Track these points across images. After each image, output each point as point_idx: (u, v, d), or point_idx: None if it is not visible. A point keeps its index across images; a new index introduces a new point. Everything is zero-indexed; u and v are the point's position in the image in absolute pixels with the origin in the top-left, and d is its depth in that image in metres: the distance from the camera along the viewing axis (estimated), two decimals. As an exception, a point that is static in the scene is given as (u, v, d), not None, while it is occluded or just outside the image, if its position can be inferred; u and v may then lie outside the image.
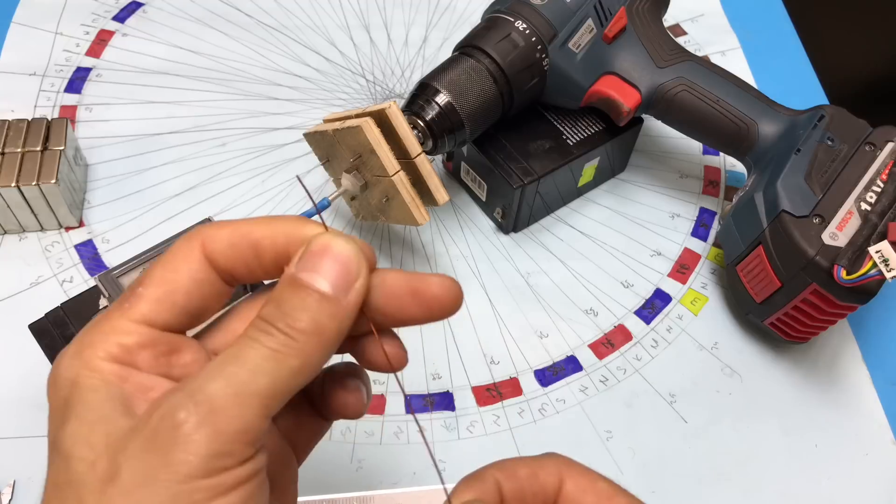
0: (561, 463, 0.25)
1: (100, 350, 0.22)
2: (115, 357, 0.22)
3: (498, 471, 0.24)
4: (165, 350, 0.23)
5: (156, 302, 0.23)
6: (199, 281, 0.23)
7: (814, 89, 0.67)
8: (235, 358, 0.21)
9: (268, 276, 0.24)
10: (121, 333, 0.22)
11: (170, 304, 0.23)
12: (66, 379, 0.22)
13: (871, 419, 0.49)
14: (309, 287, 0.22)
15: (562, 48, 0.50)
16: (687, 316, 0.52)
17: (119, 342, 0.22)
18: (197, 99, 0.61)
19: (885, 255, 0.41)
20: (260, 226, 0.23)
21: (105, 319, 0.23)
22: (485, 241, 0.55)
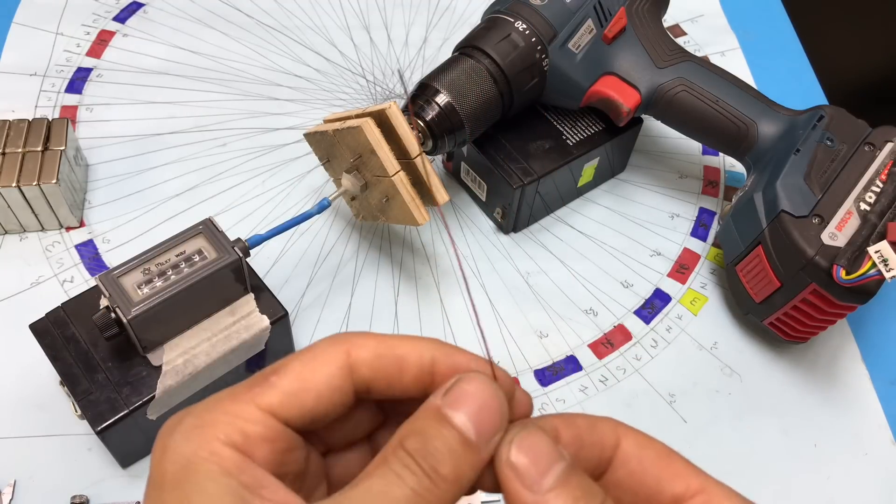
0: (618, 423, 0.24)
1: (220, 432, 0.21)
2: (236, 444, 0.21)
3: (557, 417, 0.24)
4: (283, 447, 0.22)
5: (287, 396, 0.22)
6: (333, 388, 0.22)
7: (813, 89, 0.67)
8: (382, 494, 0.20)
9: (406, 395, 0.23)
10: (246, 420, 0.21)
11: (299, 403, 0.22)
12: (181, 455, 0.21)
13: (871, 419, 0.49)
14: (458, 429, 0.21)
15: (562, 48, 0.50)
16: (686, 316, 0.52)
17: (243, 429, 0.21)
18: (197, 99, 0.61)
19: (884, 255, 0.41)
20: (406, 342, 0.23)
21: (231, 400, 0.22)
22: (485, 241, 0.55)
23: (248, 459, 0.21)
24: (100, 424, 0.39)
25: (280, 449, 0.22)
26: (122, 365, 0.41)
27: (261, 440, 0.21)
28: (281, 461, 0.22)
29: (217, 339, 0.42)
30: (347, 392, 0.23)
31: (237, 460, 0.21)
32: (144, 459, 0.44)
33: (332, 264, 0.53)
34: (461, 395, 0.22)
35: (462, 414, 0.21)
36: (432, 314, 0.51)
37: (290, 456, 0.22)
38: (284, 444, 0.22)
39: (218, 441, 0.21)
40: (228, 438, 0.21)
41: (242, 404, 0.22)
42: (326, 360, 0.22)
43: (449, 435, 0.21)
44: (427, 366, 0.23)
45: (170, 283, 0.39)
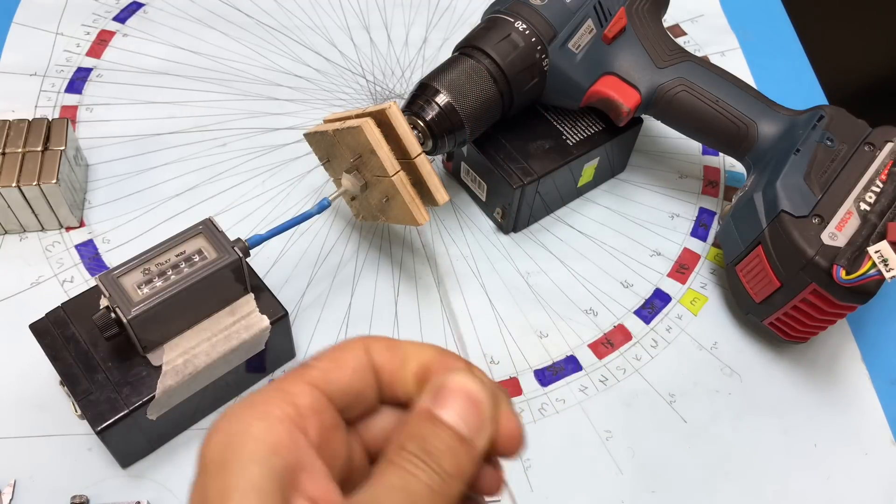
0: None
1: (274, 406, 0.22)
2: (289, 415, 0.22)
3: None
4: (329, 423, 0.24)
5: (325, 372, 0.24)
6: (360, 368, 0.25)
7: (813, 89, 0.67)
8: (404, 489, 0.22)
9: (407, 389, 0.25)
10: (296, 395, 0.23)
11: (337, 378, 0.24)
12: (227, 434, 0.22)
13: (871, 419, 0.49)
14: (450, 428, 0.23)
15: (561, 48, 0.50)
16: (686, 316, 0.52)
17: (294, 401, 0.23)
18: (197, 99, 0.61)
19: (884, 254, 0.41)
20: (411, 343, 0.26)
21: (278, 382, 0.23)
22: (485, 241, 0.55)
23: (299, 435, 0.22)
24: (100, 424, 0.39)
25: (328, 424, 0.23)
26: (122, 365, 0.41)
27: (311, 412, 0.23)
28: (328, 439, 0.23)
29: (217, 339, 0.42)
30: (371, 374, 0.25)
31: (286, 436, 0.22)
32: (144, 459, 0.44)
33: (332, 264, 0.53)
34: (447, 395, 0.24)
35: (451, 411, 0.23)
36: (432, 314, 0.51)
37: (335, 437, 0.24)
38: (331, 420, 0.24)
39: (272, 416, 0.22)
40: (282, 412, 0.22)
41: (291, 383, 0.23)
42: (351, 347, 0.25)
43: (444, 434, 0.23)
44: (425, 363, 0.25)
45: (170, 283, 0.39)
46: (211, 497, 0.21)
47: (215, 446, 0.22)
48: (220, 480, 0.21)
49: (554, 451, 0.46)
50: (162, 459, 0.44)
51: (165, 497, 0.43)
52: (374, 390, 0.25)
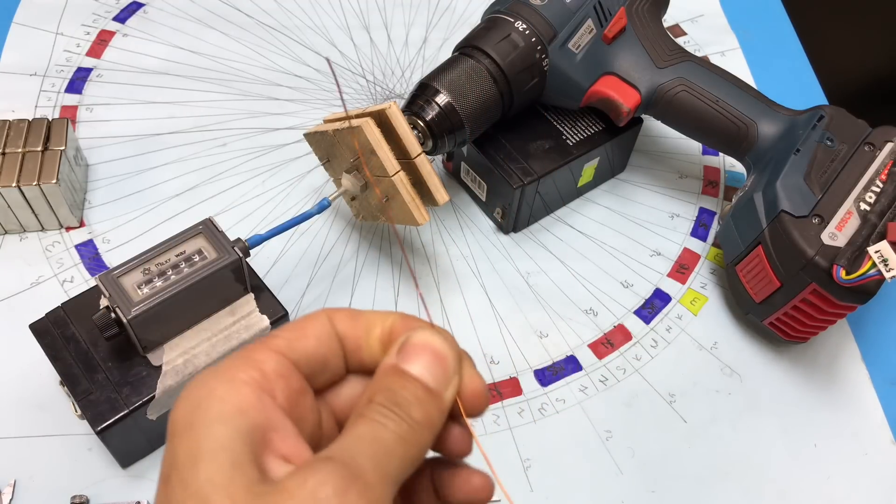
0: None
1: (240, 371, 0.22)
2: (255, 380, 0.22)
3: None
4: (297, 387, 0.24)
5: (290, 341, 0.24)
6: (324, 336, 0.25)
7: (813, 89, 0.67)
8: (374, 438, 0.22)
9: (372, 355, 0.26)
10: (261, 361, 0.23)
11: (302, 346, 0.24)
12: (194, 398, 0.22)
13: (871, 419, 0.49)
14: (417, 380, 0.24)
15: (561, 48, 0.50)
16: (686, 316, 0.52)
17: (260, 367, 0.23)
18: (197, 99, 0.61)
19: (884, 254, 0.41)
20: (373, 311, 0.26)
21: (242, 350, 0.24)
22: (485, 241, 0.55)
23: (266, 397, 0.22)
24: (100, 424, 0.39)
25: (294, 388, 0.24)
26: (122, 365, 0.41)
27: (277, 376, 0.23)
28: (296, 403, 0.24)
29: (217, 339, 0.42)
30: (334, 346, 0.25)
31: (253, 398, 0.22)
32: (144, 459, 0.44)
33: (332, 264, 0.53)
34: (412, 350, 0.24)
35: (417, 365, 0.24)
36: (432, 314, 0.51)
37: (303, 401, 0.24)
38: (297, 384, 0.24)
39: (237, 380, 0.22)
40: (248, 376, 0.22)
41: (256, 350, 0.24)
42: (314, 317, 0.25)
43: (411, 386, 0.23)
44: (387, 329, 0.25)
45: (170, 283, 0.39)
46: (180, 459, 0.21)
47: (182, 410, 0.22)
48: (189, 442, 0.21)
49: (554, 451, 0.46)
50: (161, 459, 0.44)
51: (165, 497, 0.43)
52: (340, 358, 0.25)
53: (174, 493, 0.20)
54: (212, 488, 0.20)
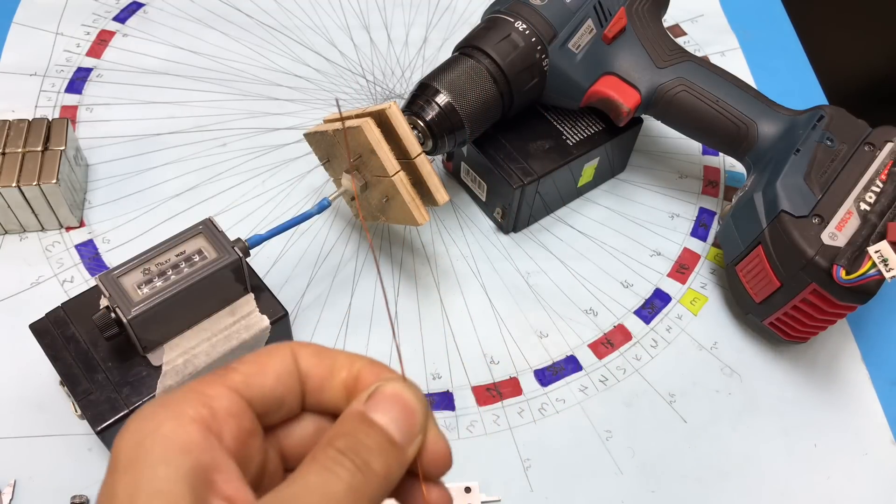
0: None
1: (188, 407, 0.22)
2: (203, 417, 0.22)
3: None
4: (247, 428, 0.23)
5: (248, 376, 0.23)
6: (284, 374, 0.24)
7: (813, 89, 0.67)
8: (322, 488, 0.21)
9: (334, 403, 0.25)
10: (213, 396, 0.22)
11: (259, 384, 0.23)
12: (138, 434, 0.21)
13: (871, 419, 0.49)
14: (383, 430, 0.23)
15: (561, 48, 0.50)
16: (686, 316, 0.52)
17: (210, 403, 0.22)
18: (197, 99, 0.61)
19: (884, 254, 0.41)
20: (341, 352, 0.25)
21: (198, 383, 0.23)
22: (485, 241, 0.55)
23: (212, 437, 0.22)
24: (100, 424, 0.39)
25: (245, 429, 0.23)
26: (122, 365, 0.41)
27: (227, 415, 0.22)
28: (244, 444, 0.23)
29: (217, 339, 0.42)
30: (296, 381, 0.24)
31: (199, 437, 0.21)
32: (144, 459, 0.44)
33: (332, 264, 0.53)
34: (381, 400, 0.23)
35: (385, 416, 0.23)
36: (432, 314, 0.51)
37: (252, 443, 0.23)
38: (248, 425, 0.23)
39: (185, 416, 0.21)
40: (196, 413, 0.22)
41: (209, 384, 0.23)
42: (277, 351, 0.24)
43: (376, 434, 0.23)
44: (355, 373, 0.25)
45: (170, 283, 0.39)
46: (119, 497, 0.20)
47: (126, 444, 0.21)
48: (129, 480, 0.20)
49: (554, 451, 0.46)
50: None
51: (165, 497, 0.43)
52: (298, 397, 0.25)
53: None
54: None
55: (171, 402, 0.22)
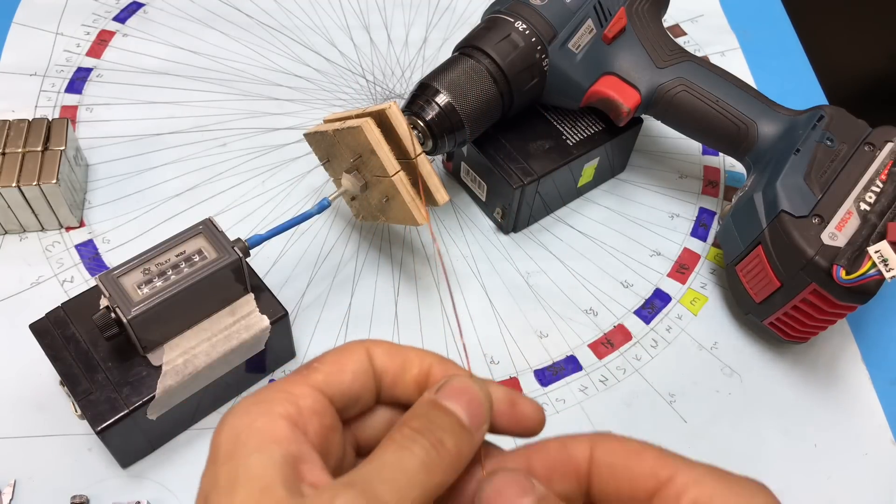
0: (594, 435, 0.26)
1: (278, 405, 0.24)
2: (290, 415, 0.24)
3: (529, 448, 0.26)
4: (329, 424, 0.25)
5: (328, 375, 0.25)
6: (360, 372, 0.26)
7: (813, 89, 0.67)
8: (397, 464, 0.23)
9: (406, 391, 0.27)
10: (299, 396, 0.24)
11: (338, 381, 0.25)
12: (235, 428, 0.23)
13: (871, 419, 0.49)
14: (454, 414, 0.25)
15: (561, 48, 0.50)
16: (686, 316, 0.52)
17: (297, 402, 0.24)
18: (197, 99, 0.61)
19: (884, 254, 0.41)
20: (412, 349, 0.27)
21: (284, 382, 0.25)
22: (485, 241, 0.55)
23: (299, 432, 0.24)
24: (100, 424, 0.39)
25: (327, 425, 0.25)
26: (122, 365, 0.41)
27: (311, 413, 0.24)
28: (326, 439, 0.25)
29: (217, 339, 0.42)
30: (370, 379, 0.26)
31: (288, 431, 0.23)
32: (144, 459, 0.44)
33: (332, 264, 0.53)
34: (452, 390, 0.25)
35: (454, 403, 0.25)
36: (432, 314, 0.51)
37: (333, 437, 0.25)
38: (330, 421, 0.25)
39: (275, 413, 0.24)
40: (285, 410, 0.24)
41: (295, 384, 0.25)
42: (353, 350, 0.26)
43: (447, 416, 0.25)
44: (426, 369, 0.26)
45: (170, 283, 0.39)
46: (221, 484, 0.22)
47: (225, 438, 0.23)
48: (229, 468, 0.23)
49: (554, 451, 0.46)
50: (162, 459, 0.44)
51: (165, 497, 0.43)
52: (373, 392, 0.26)
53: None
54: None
55: (262, 400, 0.24)
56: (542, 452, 0.26)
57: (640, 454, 0.25)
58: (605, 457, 0.25)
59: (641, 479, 0.25)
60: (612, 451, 0.26)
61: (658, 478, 0.24)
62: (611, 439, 0.26)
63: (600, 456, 0.25)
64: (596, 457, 0.26)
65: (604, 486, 0.25)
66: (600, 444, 0.26)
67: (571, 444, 0.26)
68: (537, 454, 0.26)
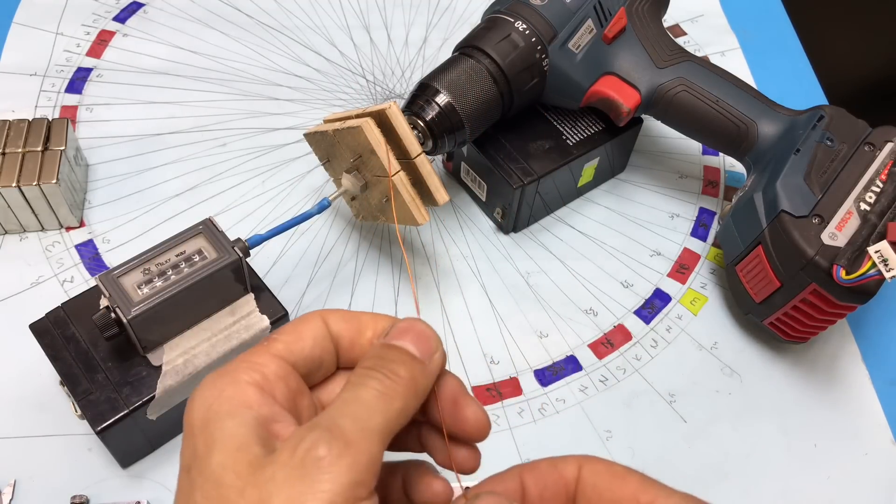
0: (581, 457, 0.28)
1: (244, 374, 0.25)
2: (257, 382, 0.25)
3: (522, 466, 0.28)
4: (294, 387, 0.26)
5: (288, 344, 0.27)
6: (319, 338, 0.27)
7: (813, 89, 0.67)
8: (354, 399, 0.25)
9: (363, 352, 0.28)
10: (263, 364, 0.26)
11: (299, 349, 0.27)
12: (205, 400, 0.25)
13: (871, 419, 0.49)
14: (402, 349, 0.26)
15: (562, 48, 0.50)
16: (686, 316, 0.52)
17: (261, 371, 0.25)
18: (197, 99, 0.61)
19: (884, 254, 0.41)
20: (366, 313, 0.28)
21: (245, 355, 0.26)
22: (485, 241, 0.55)
23: (267, 396, 0.25)
24: (100, 424, 0.39)
25: (293, 388, 0.26)
26: (122, 365, 0.41)
27: (276, 378, 0.26)
28: (295, 402, 0.26)
29: (217, 339, 0.42)
30: (328, 344, 0.27)
31: (257, 395, 0.25)
32: (144, 459, 0.44)
33: (332, 264, 0.53)
34: (398, 331, 0.27)
35: (402, 341, 0.27)
36: (432, 314, 0.51)
37: (301, 400, 0.27)
38: (295, 385, 0.26)
39: (241, 381, 0.25)
40: (251, 378, 0.25)
41: (257, 354, 0.26)
42: (310, 319, 0.28)
43: (397, 352, 0.26)
44: (380, 331, 0.28)
45: (170, 283, 0.39)
46: (199, 452, 0.24)
47: (196, 411, 0.24)
48: (205, 437, 0.24)
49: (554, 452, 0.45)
50: (162, 459, 0.44)
51: (165, 497, 0.43)
52: (333, 357, 0.28)
53: (195, 480, 0.23)
54: (222, 470, 0.23)
55: (227, 371, 0.25)
56: (535, 471, 0.28)
57: (624, 478, 0.27)
58: (591, 477, 0.27)
59: (623, 502, 0.26)
60: (597, 473, 0.27)
61: (639, 502, 0.26)
62: (597, 462, 0.27)
63: (586, 476, 0.27)
64: (583, 477, 0.27)
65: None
66: (587, 465, 0.27)
67: (561, 464, 0.28)
68: (529, 473, 0.28)
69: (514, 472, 0.28)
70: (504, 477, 0.28)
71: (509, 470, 0.28)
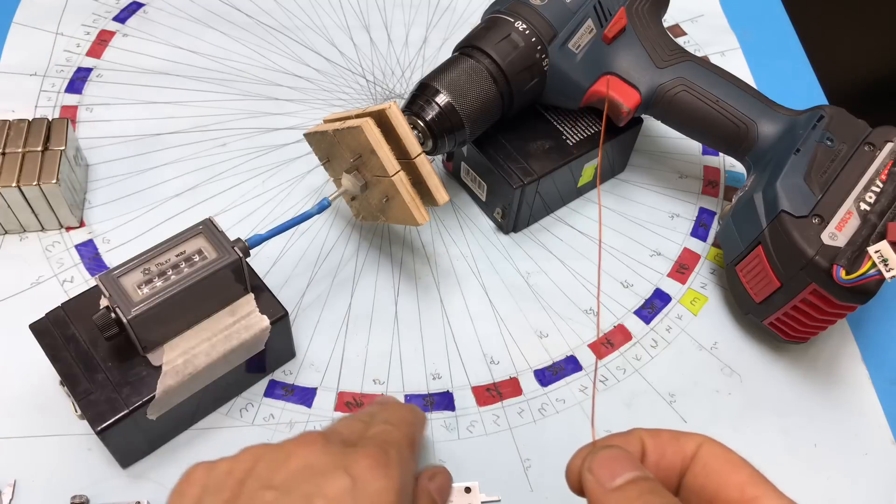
0: (704, 436, 0.29)
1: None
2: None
3: (644, 430, 0.29)
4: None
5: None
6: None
7: (813, 89, 0.67)
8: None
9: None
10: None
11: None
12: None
13: (871, 419, 0.49)
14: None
15: (561, 48, 0.50)
16: (686, 316, 0.52)
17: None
18: (197, 99, 0.61)
19: (884, 254, 0.41)
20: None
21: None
22: (485, 241, 0.55)
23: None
24: (100, 424, 0.39)
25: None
26: (122, 365, 0.41)
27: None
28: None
29: (217, 339, 0.42)
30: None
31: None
32: (144, 459, 0.44)
33: (332, 264, 0.53)
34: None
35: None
36: (432, 314, 0.51)
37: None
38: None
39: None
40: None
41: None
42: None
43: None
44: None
45: (170, 283, 0.39)
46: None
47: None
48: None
49: (554, 451, 0.46)
50: (162, 459, 0.44)
51: (165, 497, 0.43)
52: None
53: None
54: None
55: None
56: (657, 438, 0.29)
57: (737, 467, 0.27)
58: (706, 457, 0.28)
59: (729, 489, 0.27)
60: (714, 455, 0.28)
61: (744, 494, 0.27)
62: (717, 445, 0.28)
63: (703, 455, 0.28)
64: (699, 455, 0.28)
65: (693, 481, 0.27)
66: (707, 445, 0.28)
67: (683, 438, 0.28)
68: (651, 438, 0.29)
69: (637, 434, 0.29)
70: (628, 437, 0.29)
71: (631, 431, 0.29)
